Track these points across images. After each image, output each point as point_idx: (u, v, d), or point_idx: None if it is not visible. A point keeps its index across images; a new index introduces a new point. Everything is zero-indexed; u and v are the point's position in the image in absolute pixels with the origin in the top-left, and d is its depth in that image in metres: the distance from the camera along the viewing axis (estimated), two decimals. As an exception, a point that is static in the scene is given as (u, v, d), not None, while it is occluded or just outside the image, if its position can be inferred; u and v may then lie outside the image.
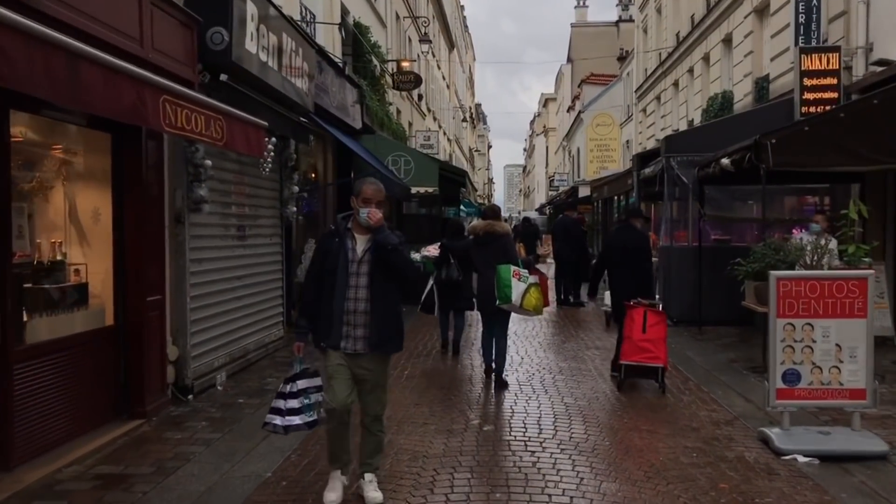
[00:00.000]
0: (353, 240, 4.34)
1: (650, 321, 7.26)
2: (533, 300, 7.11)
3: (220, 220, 7.76)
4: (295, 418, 4.27)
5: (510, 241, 7.75)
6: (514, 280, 7.02)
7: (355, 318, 4.28)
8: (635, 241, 7.83)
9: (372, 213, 4.24)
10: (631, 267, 7.66)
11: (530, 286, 7.14)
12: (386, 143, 14.69)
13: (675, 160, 11.65)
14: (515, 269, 7.09)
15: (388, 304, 4.34)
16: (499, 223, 7.72)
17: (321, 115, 11.39)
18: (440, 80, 36.66)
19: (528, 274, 7.27)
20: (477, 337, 10.33)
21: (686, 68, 22.31)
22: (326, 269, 4.32)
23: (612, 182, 18.19)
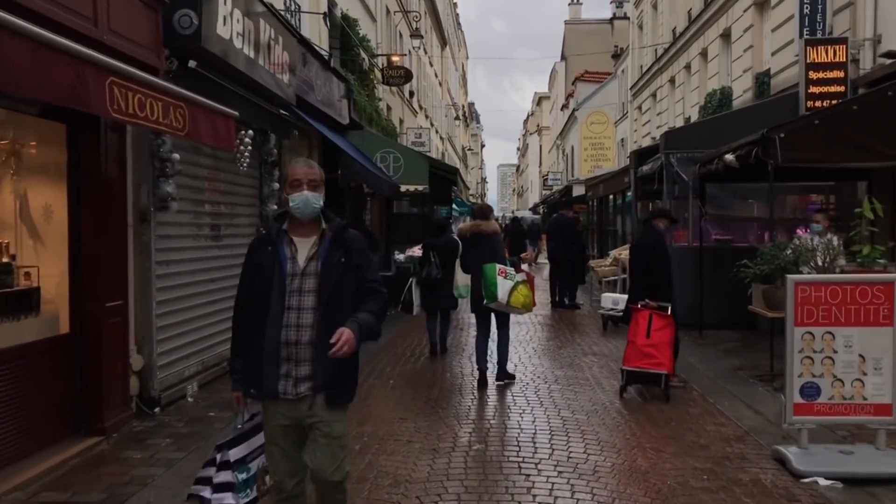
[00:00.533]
0: (291, 246, 3.22)
1: (655, 325, 6.80)
2: (521, 298, 7.08)
3: (191, 218, 7.24)
4: (226, 496, 3.25)
5: (498, 240, 7.62)
6: (500, 278, 6.99)
7: (297, 352, 3.13)
8: (646, 241, 7.48)
9: None
10: (640, 268, 7.29)
11: (518, 284, 7.10)
12: (374, 139, 14.18)
13: (674, 157, 11.19)
14: (501, 268, 7.05)
15: None
16: (486, 223, 7.62)
17: (305, 109, 10.87)
18: (432, 78, 36.15)
19: (514, 272, 7.20)
20: (468, 342, 9.84)
21: (683, 64, 21.87)
22: (257, 291, 3.19)
23: (608, 180, 17.72)
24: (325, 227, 3.26)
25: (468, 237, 7.65)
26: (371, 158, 13.84)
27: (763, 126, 8.74)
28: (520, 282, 7.12)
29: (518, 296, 7.03)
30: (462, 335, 10.56)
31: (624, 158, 31.94)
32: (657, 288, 7.14)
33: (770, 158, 7.70)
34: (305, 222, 3.25)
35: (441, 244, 8.93)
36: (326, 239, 3.23)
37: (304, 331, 3.14)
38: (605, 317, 10.99)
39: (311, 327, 3.13)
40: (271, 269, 3.16)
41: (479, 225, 7.58)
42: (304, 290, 3.16)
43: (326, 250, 3.20)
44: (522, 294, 7.06)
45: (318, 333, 3.11)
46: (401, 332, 11.00)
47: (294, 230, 3.26)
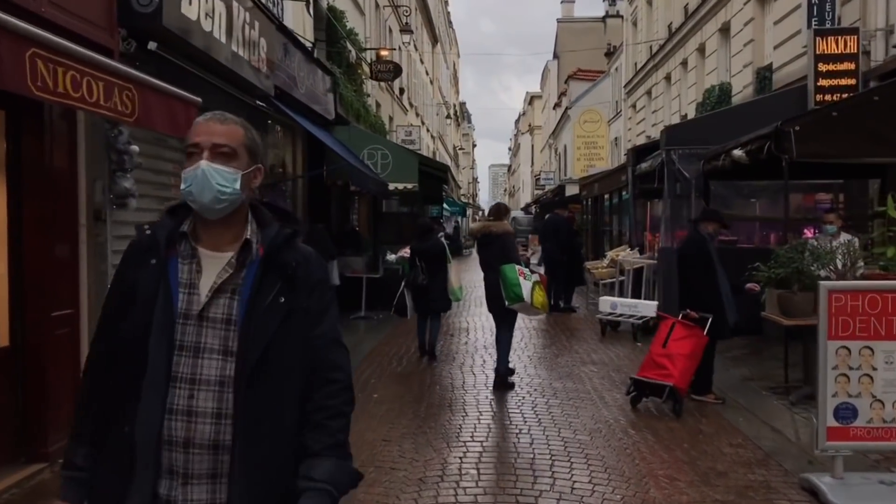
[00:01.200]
0: (191, 263, 1.80)
1: (676, 334, 6.26)
2: (540, 298, 7.07)
3: (156, 217, 6.60)
4: None
5: (509, 240, 7.39)
6: (522, 279, 6.92)
7: (189, 461, 1.71)
8: (686, 245, 7.00)
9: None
10: (681, 275, 6.77)
11: (535, 284, 7.07)
12: (361, 134, 13.56)
13: (675, 153, 10.62)
14: (520, 268, 7.01)
15: (278, 433, 1.76)
16: (496, 223, 7.52)
17: (286, 102, 10.25)
18: (423, 75, 35.54)
19: (529, 272, 7.21)
20: (459, 350, 9.25)
21: (679, 60, 21.36)
22: (124, 336, 1.75)
23: (604, 179, 17.16)
24: (248, 237, 1.82)
25: (478, 237, 7.61)
26: (358, 155, 13.22)
27: (768, 121, 8.20)
28: (536, 282, 7.06)
29: (537, 296, 6.99)
30: (452, 342, 9.97)
31: (617, 157, 31.43)
32: (697, 297, 6.57)
33: (784, 153, 7.14)
34: (215, 223, 1.81)
35: (426, 248, 8.62)
36: (254, 258, 1.80)
37: (203, 423, 1.70)
38: (604, 322, 10.42)
39: (216, 418, 1.71)
40: (150, 301, 1.74)
41: (488, 225, 7.49)
42: (207, 346, 1.74)
43: (253, 279, 1.77)
44: (540, 294, 7.05)
45: (234, 432, 1.70)
46: (390, 337, 10.40)
47: (201, 236, 1.83)
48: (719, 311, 6.54)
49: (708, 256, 6.62)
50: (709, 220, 6.90)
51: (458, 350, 9.30)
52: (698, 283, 6.60)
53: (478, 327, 11.27)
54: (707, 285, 6.58)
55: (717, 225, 6.91)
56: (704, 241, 6.69)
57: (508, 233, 7.46)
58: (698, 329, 6.35)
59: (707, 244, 6.67)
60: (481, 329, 11.03)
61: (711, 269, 6.61)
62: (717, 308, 6.55)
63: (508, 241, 7.34)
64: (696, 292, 6.59)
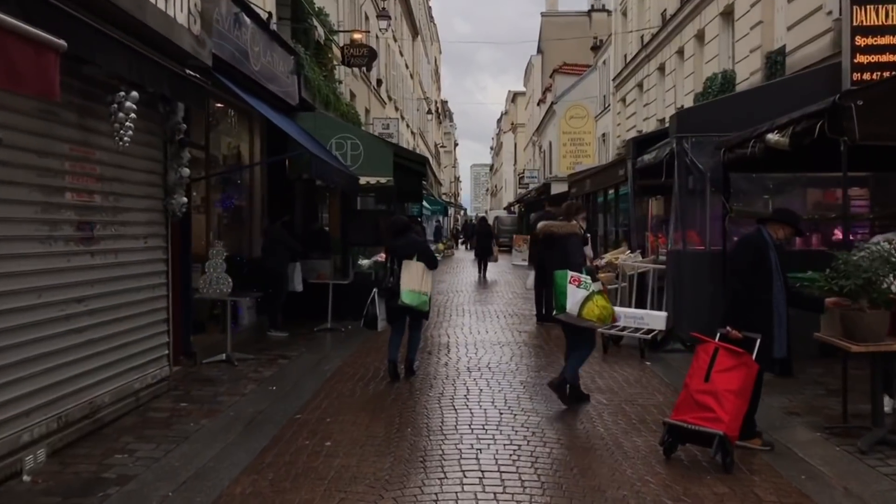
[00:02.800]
0: None
1: (721, 364, 4.83)
2: (596, 310, 6.17)
3: (37, 212, 5.06)
4: None
5: (573, 242, 6.50)
6: (572, 287, 6.14)
7: None
8: (739, 250, 5.59)
9: None
10: (727, 283, 5.63)
11: (594, 294, 6.18)
12: (329, 122, 12.03)
13: (688, 142, 9.22)
14: (574, 275, 6.18)
15: None
16: (559, 224, 6.65)
17: (235, 79, 8.71)
18: (402, 68, 34.01)
19: (590, 280, 6.27)
20: (437, 374, 7.77)
21: (674, 49, 20.03)
22: None
23: (598, 174, 15.74)
24: None
25: (540, 238, 6.94)
26: (325, 145, 11.69)
27: (799, 102, 6.90)
28: (596, 292, 6.18)
29: (593, 307, 6.11)
30: (430, 363, 8.47)
31: (605, 154, 30.12)
32: (744, 313, 5.14)
33: (842, 134, 5.75)
34: None
35: (399, 247, 7.72)
36: None
37: None
38: (606, 337, 8.97)
39: None
40: None
41: (549, 226, 6.68)
42: None
43: None
44: (599, 305, 6.14)
45: None
46: (358, 354, 8.89)
47: None
48: (769, 332, 5.12)
49: (767, 266, 5.19)
50: (782, 223, 5.44)
51: (436, 374, 7.79)
52: (749, 297, 5.16)
53: (461, 343, 9.77)
54: (759, 301, 5.15)
55: (791, 230, 5.46)
56: (766, 247, 5.24)
57: (573, 234, 6.51)
58: (746, 355, 4.91)
59: (769, 251, 5.23)
60: (464, 346, 9.54)
61: (768, 283, 5.17)
62: (767, 328, 5.12)
63: (571, 243, 6.46)
64: (743, 308, 5.16)
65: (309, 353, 9.06)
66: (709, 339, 5.09)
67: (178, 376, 7.49)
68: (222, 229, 10.49)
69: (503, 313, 12.90)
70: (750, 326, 5.06)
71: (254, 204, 11.46)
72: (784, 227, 5.40)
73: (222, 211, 10.61)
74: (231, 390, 7.02)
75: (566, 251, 6.37)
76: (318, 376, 7.67)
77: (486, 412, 6.15)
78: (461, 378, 7.46)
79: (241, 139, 11.22)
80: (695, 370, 4.97)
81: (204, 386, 7.19)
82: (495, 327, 11.06)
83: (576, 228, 6.54)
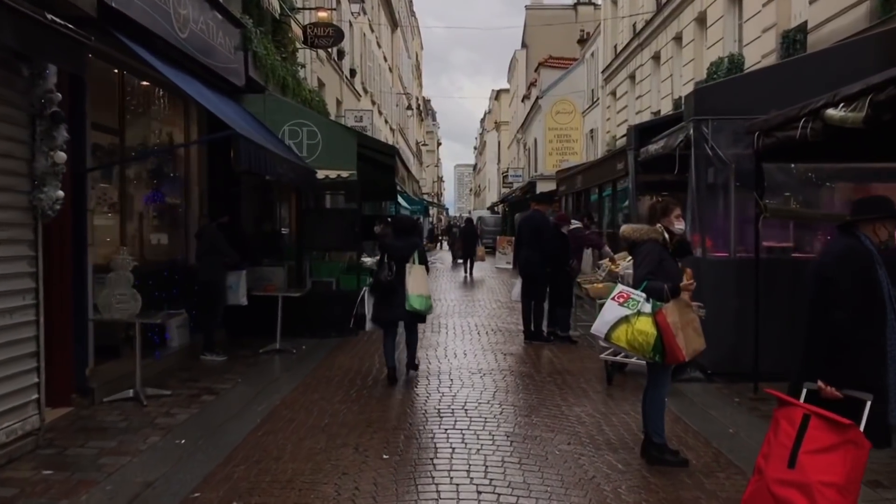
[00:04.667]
0: None
1: (814, 441, 3.20)
2: (631, 335, 4.64)
3: None
4: None
5: (647, 250, 4.96)
6: (613, 304, 4.81)
7: None
8: (828, 263, 3.83)
9: None
10: (814, 313, 3.78)
11: (637, 316, 4.69)
12: (281, 106, 10.29)
13: (708, 126, 7.60)
14: (623, 291, 4.87)
15: None
16: (631, 227, 5.24)
17: (153, 46, 6.99)
18: (381, 60, 32.26)
19: (642, 299, 4.76)
20: (413, 423, 6.06)
21: (671, 35, 18.49)
22: None
23: (591, 169, 14.10)
24: None
25: (624, 245, 5.72)
26: (276, 133, 9.97)
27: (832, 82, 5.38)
28: (643, 313, 4.69)
29: (628, 331, 4.64)
30: (392, 403, 6.77)
31: (593, 151, 28.57)
32: (849, 360, 3.51)
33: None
34: None
35: (399, 248, 7.40)
36: None
37: None
38: (609, 364, 7.34)
39: None
40: None
41: (625, 230, 5.25)
42: None
43: None
44: (636, 330, 4.63)
45: None
46: (309, 384, 7.13)
47: None
48: (881, 389, 3.49)
49: (876, 290, 3.55)
50: (882, 217, 3.78)
51: (398, 424, 6.08)
52: (852, 333, 3.52)
53: (433, 372, 8.08)
54: (868, 338, 3.51)
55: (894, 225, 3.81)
56: (872, 261, 3.60)
57: (650, 240, 4.99)
58: (854, 428, 3.26)
59: (877, 268, 3.59)
60: (437, 375, 7.86)
61: (878, 315, 3.53)
62: (879, 384, 3.49)
63: (645, 250, 4.97)
64: (847, 352, 3.51)
65: (245, 384, 7.33)
66: (792, 399, 3.44)
67: (62, 424, 5.77)
68: (149, 232, 8.73)
69: (486, 328, 11.22)
70: (854, 380, 3.42)
71: (190, 201, 9.69)
72: (887, 222, 3.76)
73: (152, 210, 8.86)
74: (123, 446, 5.29)
75: (640, 260, 5.00)
76: (246, 422, 5.94)
77: (459, 491, 4.44)
78: (428, 428, 5.74)
79: (174, 125, 9.46)
80: (773, 448, 3.32)
81: (90, 439, 5.45)
82: (476, 348, 9.37)
83: (654, 234, 4.99)
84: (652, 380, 4.99)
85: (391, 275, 7.26)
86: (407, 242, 7.50)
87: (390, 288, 7.25)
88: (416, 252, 7.43)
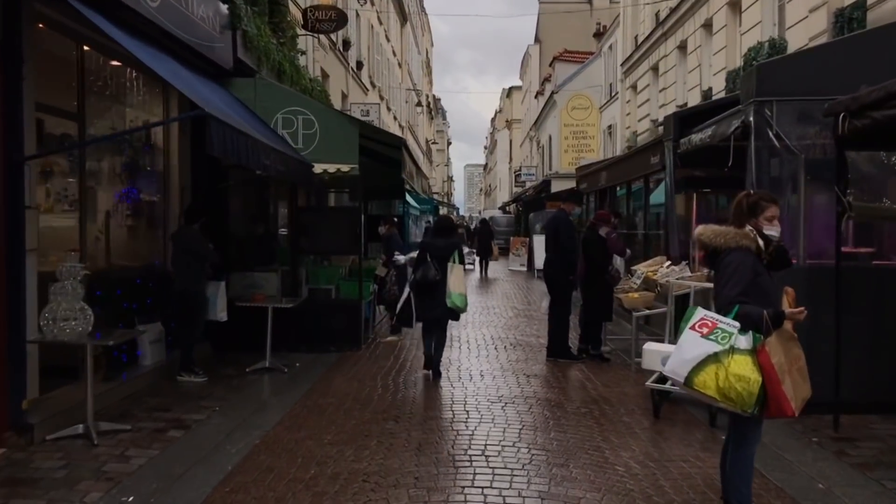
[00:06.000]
0: None
1: None
2: (730, 384, 3.39)
3: None
4: None
5: (735, 262, 3.65)
6: (693, 335, 3.51)
7: None
8: None
9: None
10: None
11: (731, 353, 3.42)
12: (273, 92, 9.12)
13: (773, 108, 6.40)
14: (707, 318, 3.55)
15: None
16: (712, 229, 3.84)
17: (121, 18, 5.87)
18: (389, 55, 31.13)
19: (735, 331, 3.48)
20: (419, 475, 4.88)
21: (700, 22, 17.24)
22: None
23: (618, 164, 12.88)
24: None
25: (702, 254, 4.34)
26: (268, 122, 8.83)
27: None
28: (738, 350, 3.43)
29: (720, 375, 3.40)
30: (395, 443, 5.61)
31: (611, 147, 27.30)
32: None
33: None
34: None
35: (440, 247, 7.59)
36: None
37: None
38: (658, 394, 6.13)
39: None
40: None
41: (704, 233, 3.87)
42: None
43: None
44: (735, 376, 3.38)
45: None
46: (288, 423, 5.95)
47: None
48: None
49: None
50: None
51: (400, 475, 4.90)
52: None
53: (445, 399, 6.92)
54: None
55: None
56: None
57: (739, 249, 3.68)
58: None
59: None
60: (450, 405, 6.69)
61: None
62: None
63: (730, 262, 3.66)
64: None
65: (223, 414, 6.18)
66: None
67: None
68: (119, 234, 7.60)
69: (503, 341, 10.02)
70: None
71: (170, 198, 8.56)
72: None
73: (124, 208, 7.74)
74: (51, 508, 4.15)
75: (719, 274, 3.71)
76: (214, 470, 4.79)
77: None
78: (441, 486, 4.52)
79: (151, 113, 8.33)
80: None
81: (12, 496, 4.32)
82: (494, 368, 8.18)
83: (748, 241, 3.70)
84: (738, 436, 3.78)
85: (438, 274, 7.42)
86: (447, 242, 7.68)
87: (434, 286, 7.40)
88: (456, 251, 7.61)
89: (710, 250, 3.81)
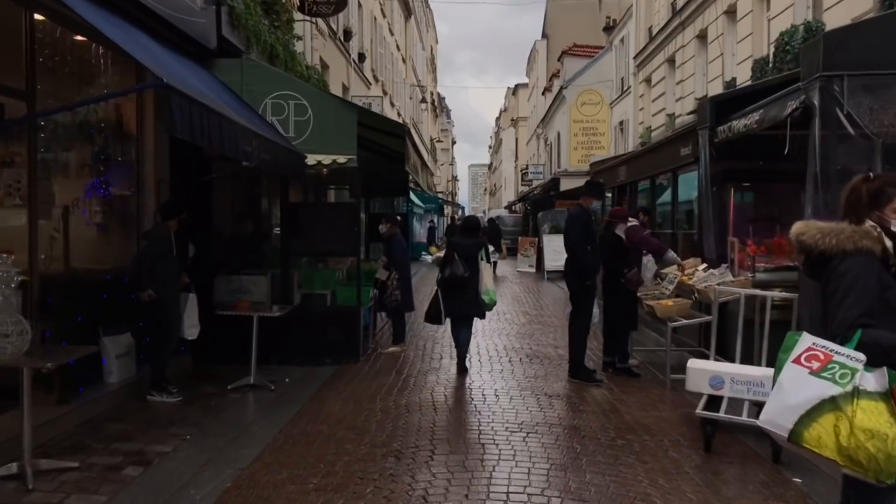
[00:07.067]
0: None
1: None
2: (858, 442, 2.37)
3: None
4: None
5: (853, 271, 2.61)
6: (799, 370, 2.53)
7: None
8: None
9: None
10: None
11: (856, 398, 2.41)
12: (262, 74, 8.15)
13: (843, 84, 5.43)
14: (815, 347, 2.54)
15: None
16: (817, 226, 2.78)
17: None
18: (393, 49, 30.19)
19: (853, 364, 2.44)
20: None
21: (722, 9, 16.24)
22: None
23: (642, 157, 11.90)
24: None
25: (803, 261, 3.01)
26: (255, 108, 7.89)
27: None
28: (864, 393, 2.42)
29: (840, 428, 2.39)
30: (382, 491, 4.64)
31: (622, 144, 26.30)
32: None
33: None
34: None
35: (467, 246, 7.69)
36: None
37: None
38: (709, 422, 5.15)
39: None
40: None
41: (803, 231, 2.84)
42: None
43: None
44: (863, 430, 2.37)
45: None
46: (267, 460, 4.98)
47: None
48: None
49: None
50: None
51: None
52: None
53: (451, 428, 5.96)
54: None
55: None
56: None
57: (858, 252, 2.66)
58: None
59: None
60: (456, 436, 5.73)
61: None
62: None
63: (846, 271, 2.65)
64: None
65: (194, 444, 5.23)
66: None
67: None
68: (82, 233, 6.66)
69: (518, 352, 9.05)
70: None
71: (144, 194, 7.61)
72: None
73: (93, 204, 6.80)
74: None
75: (829, 286, 2.69)
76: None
77: None
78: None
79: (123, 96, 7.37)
80: None
81: None
82: (510, 386, 7.20)
83: (870, 241, 2.68)
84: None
85: (466, 271, 7.55)
86: (473, 241, 7.84)
87: (463, 284, 7.55)
88: (483, 250, 7.77)
89: (816, 255, 2.81)
